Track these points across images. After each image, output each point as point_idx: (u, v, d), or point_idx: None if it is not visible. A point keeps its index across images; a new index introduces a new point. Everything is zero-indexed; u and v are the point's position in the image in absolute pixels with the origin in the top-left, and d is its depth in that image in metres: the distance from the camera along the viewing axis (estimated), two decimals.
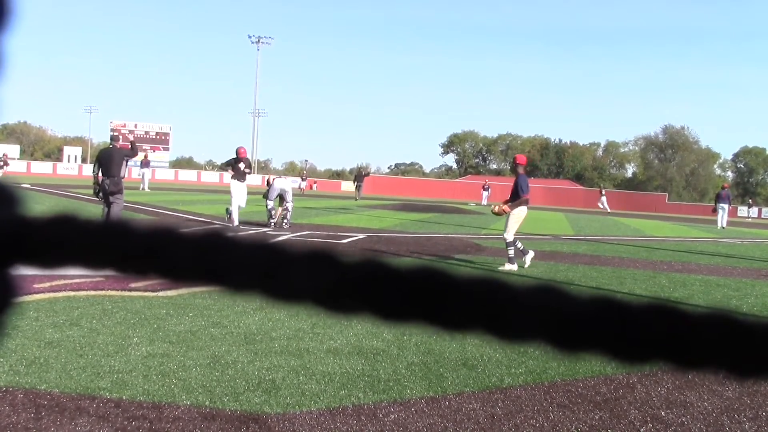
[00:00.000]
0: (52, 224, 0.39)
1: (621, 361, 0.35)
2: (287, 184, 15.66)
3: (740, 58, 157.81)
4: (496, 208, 10.91)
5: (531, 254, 10.57)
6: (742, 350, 0.34)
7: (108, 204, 11.57)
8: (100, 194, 11.63)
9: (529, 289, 0.36)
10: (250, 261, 0.38)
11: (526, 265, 10.46)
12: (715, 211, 30.40)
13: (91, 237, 0.38)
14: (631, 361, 0.35)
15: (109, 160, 11.61)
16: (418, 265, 0.36)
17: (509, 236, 10.40)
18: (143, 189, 34.94)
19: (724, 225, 29.67)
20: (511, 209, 10.51)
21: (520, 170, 10.76)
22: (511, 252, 10.38)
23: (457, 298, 0.36)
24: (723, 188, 32.04)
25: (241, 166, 14.79)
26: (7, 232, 0.38)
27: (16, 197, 0.40)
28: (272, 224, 15.22)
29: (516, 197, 10.54)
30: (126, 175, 11.92)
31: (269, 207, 15.29)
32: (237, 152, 14.90)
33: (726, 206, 30.09)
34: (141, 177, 37.38)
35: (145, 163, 38.36)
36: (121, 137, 12.98)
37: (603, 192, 48.81)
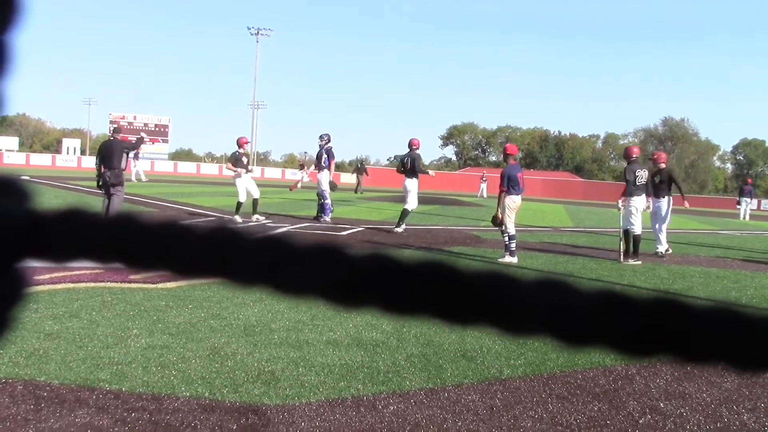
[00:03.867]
0: (62, 218, 0.39)
1: (624, 354, 0.35)
2: (322, 177, 15.61)
3: (740, 50, 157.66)
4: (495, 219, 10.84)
5: (514, 260, 10.33)
6: (743, 343, 0.34)
7: (108, 196, 11.59)
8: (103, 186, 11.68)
9: (534, 283, 0.36)
10: (256, 254, 0.37)
11: (499, 260, 10.40)
12: (739, 204, 32.36)
13: (100, 231, 0.38)
14: (634, 354, 0.35)
15: (109, 152, 11.62)
16: (423, 258, 0.36)
17: (510, 229, 10.38)
18: (140, 180, 35.08)
19: (747, 218, 31.17)
20: (499, 211, 10.51)
21: (510, 160, 10.83)
22: (513, 245, 10.35)
23: (462, 291, 0.36)
24: (747, 183, 33.92)
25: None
26: (16, 226, 0.38)
27: (26, 191, 0.40)
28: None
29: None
30: (126, 167, 11.94)
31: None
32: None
33: (748, 200, 32.15)
34: (134, 169, 37.55)
35: (135, 155, 38.67)
36: (121, 130, 12.97)
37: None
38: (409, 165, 13.96)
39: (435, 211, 22.41)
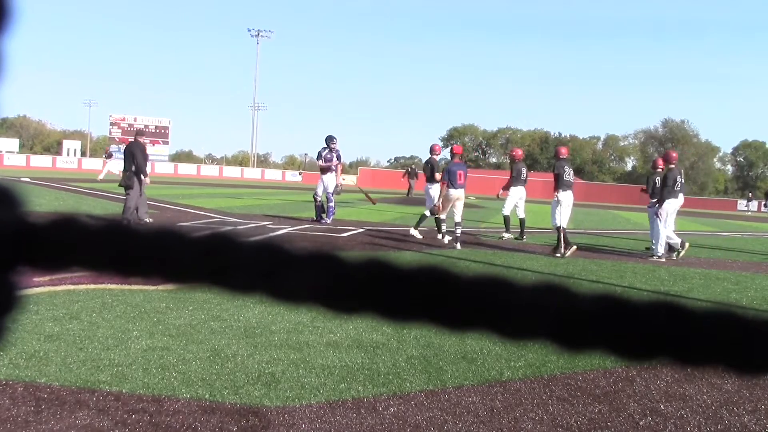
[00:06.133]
0: (55, 226, 0.38)
1: (624, 358, 0.35)
2: (329, 179, 15.31)
3: (740, 51, 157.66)
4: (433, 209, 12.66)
5: (447, 239, 12.30)
6: (743, 345, 0.34)
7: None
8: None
9: (532, 287, 0.36)
10: (253, 262, 0.37)
11: (443, 241, 12.27)
12: (766, 206, 33.17)
13: (94, 240, 0.38)
14: (634, 357, 0.35)
15: (125, 155, 11.90)
16: (421, 265, 0.36)
17: (443, 216, 12.32)
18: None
19: None
20: (439, 202, 12.33)
21: (455, 159, 12.66)
22: (443, 228, 12.37)
23: (460, 297, 0.35)
24: None
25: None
26: (9, 235, 0.38)
27: (18, 198, 0.39)
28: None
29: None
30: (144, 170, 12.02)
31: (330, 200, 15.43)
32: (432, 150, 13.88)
33: None
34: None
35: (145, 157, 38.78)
36: (144, 133, 12.88)
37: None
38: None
39: None
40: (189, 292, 6.49)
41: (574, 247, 11.74)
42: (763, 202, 34.68)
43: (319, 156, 15.58)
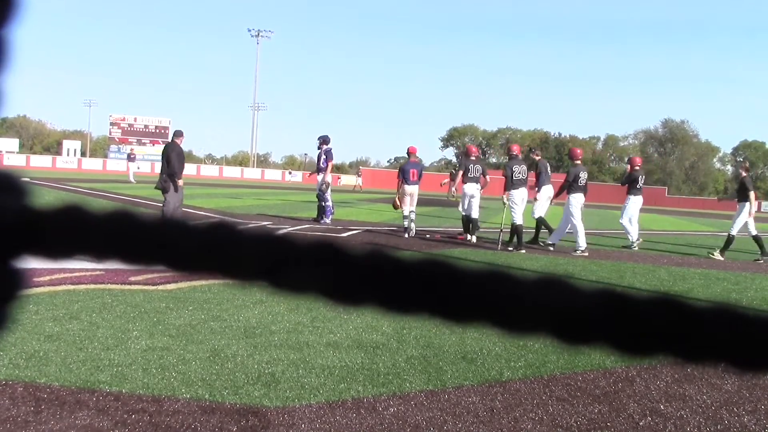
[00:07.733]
0: (60, 215, 0.39)
1: (624, 354, 0.35)
2: (318, 178, 15.44)
3: (740, 51, 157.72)
4: (394, 204, 13.87)
5: (407, 235, 13.30)
6: (743, 343, 0.34)
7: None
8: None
9: (534, 282, 0.36)
10: (256, 252, 0.37)
11: (405, 235, 13.27)
12: None
13: (99, 228, 0.38)
14: (634, 354, 0.35)
15: (162, 156, 11.58)
16: (423, 257, 0.36)
17: (405, 210, 13.43)
18: (131, 182, 35.28)
19: None
20: (397, 198, 13.60)
21: (411, 158, 13.89)
22: (406, 223, 13.40)
23: (461, 290, 0.35)
24: None
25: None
26: (13, 223, 0.38)
27: (22, 188, 0.40)
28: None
29: None
30: (179, 173, 11.60)
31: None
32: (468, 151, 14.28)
33: None
34: (128, 170, 38.61)
35: (131, 157, 39.75)
36: (181, 134, 11.86)
37: None
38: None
39: (434, 213, 22.40)
40: (189, 292, 6.49)
41: (523, 251, 11.94)
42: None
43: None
